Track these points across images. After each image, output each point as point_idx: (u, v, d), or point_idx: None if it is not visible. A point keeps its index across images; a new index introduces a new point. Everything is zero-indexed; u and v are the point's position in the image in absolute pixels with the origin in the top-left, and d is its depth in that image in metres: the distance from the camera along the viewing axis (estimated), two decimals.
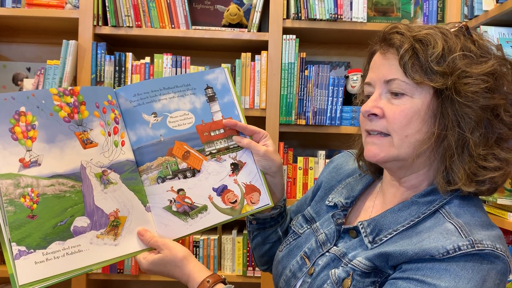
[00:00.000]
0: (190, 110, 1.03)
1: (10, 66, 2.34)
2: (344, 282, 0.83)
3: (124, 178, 0.95)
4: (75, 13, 2.03)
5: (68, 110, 0.90)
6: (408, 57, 0.81)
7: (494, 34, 1.73)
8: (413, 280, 0.76)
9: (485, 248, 0.75)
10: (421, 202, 0.85)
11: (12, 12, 2.04)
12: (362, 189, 0.99)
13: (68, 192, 0.87)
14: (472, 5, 1.90)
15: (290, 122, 2.07)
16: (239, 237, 2.10)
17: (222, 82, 1.06)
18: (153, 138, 0.99)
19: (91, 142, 0.92)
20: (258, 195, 1.03)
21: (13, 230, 0.80)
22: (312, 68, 2.07)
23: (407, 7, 2.21)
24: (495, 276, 0.76)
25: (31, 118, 0.85)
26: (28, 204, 0.82)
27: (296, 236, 1.03)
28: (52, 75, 2.02)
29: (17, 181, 0.82)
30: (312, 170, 2.12)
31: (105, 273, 2.08)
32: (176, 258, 0.92)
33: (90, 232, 0.88)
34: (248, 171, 1.03)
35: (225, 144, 1.03)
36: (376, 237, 0.85)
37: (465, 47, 0.82)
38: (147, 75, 2.06)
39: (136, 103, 0.99)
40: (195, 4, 2.18)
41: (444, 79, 0.80)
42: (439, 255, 0.75)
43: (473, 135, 0.81)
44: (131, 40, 2.17)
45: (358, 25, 2.06)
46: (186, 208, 0.99)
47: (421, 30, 0.84)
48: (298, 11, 2.04)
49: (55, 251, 0.83)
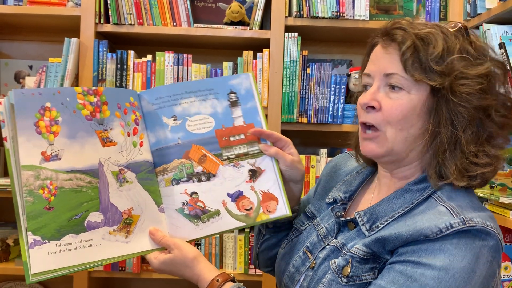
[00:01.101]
0: (211, 114, 1.03)
1: (12, 64, 2.34)
2: (344, 270, 0.86)
3: (140, 178, 0.97)
4: (77, 10, 2.03)
5: (91, 109, 0.93)
6: (409, 54, 0.83)
7: (497, 32, 1.72)
8: (409, 262, 0.79)
9: (476, 224, 0.78)
10: (414, 189, 0.88)
11: (14, 9, 2.04)
12: (360, 183, 1.02)
13: (85, 187, 0.90)
14: (475, 3, 1.90)
15: (292, 120, 2.07)
16: (241, 235, 2.10)
17: (246, 87, 1.06)
18: (171, 140, 1.01)
19: (111, 141, 0.94)
20: (275, 204, 1.01)
21: (30, 220, 0.83)
22: (314, 66, 2.07)
23: (409, 5, 2.20)
24: (487, 253, 0.78)
25: (55, 114, 0.89)
26: (46, 196, 0.85)
27: (297, 233, 1.04)
28: (54, 73, 2.02)
29: (38, 173, 0.85)
30: (314, 168, 2.11)
31: (107, 271, 2.08)
32: (187, 259, 0.93)
33: (103, 227, 0.91)
34: (267, 178, 1.02)
35: (244, 150, 1.03)
36: (373, 224, 0.88)
37: (463, 48, 0.85)
38: (149, 73, 2.06)
39: (157, 106, 1.01)
40: (197, 2, 2.18)
41: (441, 79, 0.83)
42: (433, 234, 0.78)
43: (465, 133, 0.84)
44: (133, 38, 2.17)
45: (360, 23, 2.05)
46: (198, 212, 0.99)
47: (423, 28, 0.86)
48: (300, 9, 2.03)
49: (68, 243, 0.86)
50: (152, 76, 2.05)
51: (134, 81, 2.05)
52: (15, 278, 2.32)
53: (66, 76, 2.00)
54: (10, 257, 2.14)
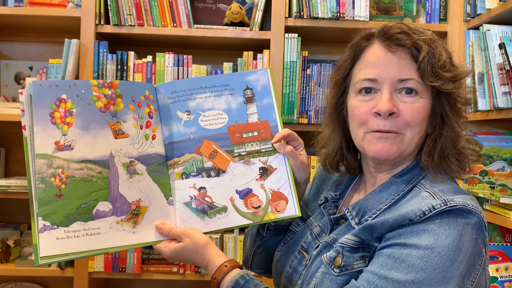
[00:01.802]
0: (225, 110, 1.03)
1: (12, 65, 2.34)
2: (335, 260, 0.88)
3: (150, 170, 1.00)
4: (77, 12, 2.03)
5: (105, 101, 0.95)
6: (426, 60, 0.88)
7: (497, 32, 1.72)
8: (396, 245, 0.82)
9: (457, 204, 0.81)
10: (399, 181, 0.92)
11: (14, 11, 2.04)
12: (350, 181, 1.04)
13: (95, 177, 0.93)
14: (475, 3, 1.90)
15: (292, 121, 2.07)
16: (241, 236, 2.10)
17: (263, 83, 1.04)
18: (183, 135, 1.03)
19: (123, 133, 0.97)
20: (284, 203, 0.99)
21: (41, 206, 0.87)
22: (314, 67, 2.07)
23: (409, 5, 2.20)
24: (471, 231, 0.81)
25: (70, 105, 0.92)
26: (57, 184, 0.89)
27: (292, 234, 1.06)
28: (54, 74, 2.02)
29: (50, 162, 0.89)
30: (314, 169, 2.11)
31: (107, 271, 2.08)
32: (198, 245, 0.95)
33: (111, 217, 0.93)
34: (278, 177, 1.00)
35: (257, 147, 1.02)
36: (362, 218, 0.90)
37: (451, 53, 0.95)
38: (149, 74, 2.06)
39: (172, 100, 1.03)
40: (197, 3, 2.18)
41: (452, 84, 0.89)
42: (417, 217, 0.81)
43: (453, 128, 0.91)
44: (133, 39, 2.17)
45: (360, 23, 2.06)
46: (205, 207, 1.00)
47: (424, 34, 0.91)
48: (300, 9, 2.03)
49: (76, 230, 0.90)
50: (152, 77, 2.05)
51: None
52: (16, 279, 2.32)
53: (66, 77, 2.00)
54: (10, 258, 2.14)
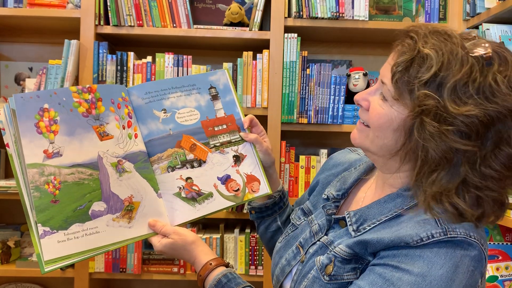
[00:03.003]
0: (196, 107, 1.13)
1: (12, 66, 2.34)
2: (326, 268, 0.88)
3: (138, 167, 1.04)
4: (77, 12, 2.03)
5: (86, 106, 0.99)
6: (400, 69, 0.80)
7: (497, 31, 1.72)
8: (389, 266, 0.80)
9: (458, 235, 0.77)
10: (406, 195, 0.87)
11: (14, 12, 2.05)
12: (354, 181, 1.03)
13: (86, 180, 0.96)
14: (474, 2, 1.90)
15: (292, 121, 2.07)
16: (241, 236, 2.10)
17: (224, 82, 1.17)
18: (163, 131, 1.10)
19: (107, 134, 1.01)
20: (258, 184, 1.13)
21: (38, 213, 0.90)
22: (313, 67, 2.07)
23: (409, 5, 2.20)
24: (468, 263, 0.78)
25: (53, 114, 0.95)
26: (51, 190, 0.92)
27: (294, 228, 1.08)
28: (54, 75, 2.02)
29: (42, 170, 0.92)
30: (314, 169, 2.11)
31: (108, 272, 2.08)
32: (186, 243, 1.01)
33: (107, 215, 0.97)
34: (249, 163, 1.13)
35: (227, 138, 1.14)
36: (360, 226, 0.89)
37: (462, 79, 0.76)
38: (149, 75, 2.06)
39: (148, 100, 1.10)
40: (196, 3, 2.18)
41: (415, 106, 0.78)
42: (413, 242, 0.78)
43: (433, 171, 0.79)
44: (132, 39, 2.17)
45: (359, 23, 2.06)
46: (194, 195, 1.08)
47: (434, 44, 0.79)
48: (300, 9, 2.03)
49: (75, 231, 0.93)
50: (152, 77, 2.06)
51: (134, 82, 2.05)
52: (16, 279, 2.32)
53: (66, 78, 2.01)
54: (11, 259, 2.15)
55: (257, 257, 2.09)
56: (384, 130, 0.85)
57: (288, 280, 0.99)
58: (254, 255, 2.09)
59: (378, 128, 0.86)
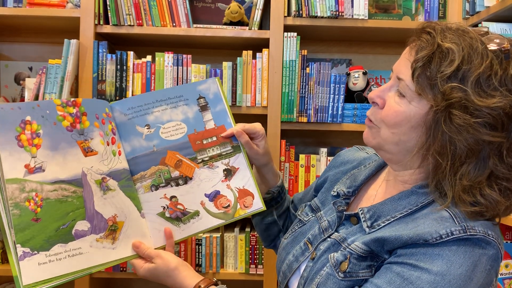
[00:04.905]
0: (183, 120, 1.08)
1: (12, 65, 2.34)
2: (341, 265, 0.86)
3: (122, 186, 1.00)
4: (77, 12, 2.03)
5: (71, 120, 0.94)
6: (420, 64, 0.80)
7: (496, 30, 1.72)
8: (407, 264, 0.79)
9: (477, 233, 0.77)
10: (420, 193, 0.87)
11: (14, 11, 2.05)
12: (365, 179, 1.02)
13: (70, 197, 0.91)
14: (474, 1, 1.90)
15: (291, 120, 2.07)
16: (242, 234, 2.10)
17: (214, 91, 1.11)
18: (146, 148, 1.05)
19: (92, 150, 0.96)
20: (251, 199, 1.07)
21: (18, 232, 0.83)
22: (313, 66, 2.07)
23: (408, 3, 2.20)
24: (486, 262, 0.78)
25: (36, 127, 0.89)
26: (33, 207, 0.86)
27: (301, 224, 1.06)
28: (54, 74, 2.02)
29: (22, 186, 0.85)
30: (314, 168, 2.12)
31: (108, 271, 2.08)
32: (168, 268, 0.97)
33: (90, 235, 0.92)
34: (241, 176, 1.08)
35: (217, 151, 1.08)
36: (375, 222, 0.89)
37: (485, 73, 0.78)
38: (149, 74, 2.06)
39: (131, 116, 1.05)
40: (196, 2, 2.18)
41: (440, 100, 0.79)
42: (432, 239, 0.78)
43: (462, 164, 0.80)
44: (132, 38, 2.17)
45: (359, 22, 2.06)
46: (179, 214, 1.04)
47: (453, 39, 0.80)
48: (299, 8, 2.03)
49: (58, 253, 0.87)
50: (152, 76, 2.06)
51: (134, 82, 2.05)
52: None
53: (66, 77, 2.01)
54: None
55: (257, 256, 2.09)
56: (401, 127, 0.85)
57: (296, 277, 0.98)
58: (254, 254, 2.09)
59: (395, 125, 0.85)
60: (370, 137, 0.91)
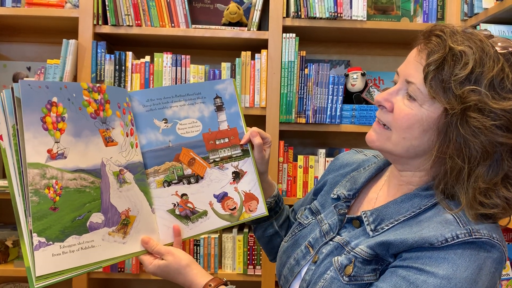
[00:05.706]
0: (198, 118, 1.07)
1: (10, 65, 2.34)
2: (346, 269, 0.86)
3: (137, 179, 0.98)
4: (75, 12, 2.03)
5: (95, 107, 0.91)
6: (433, 68, 0.80)
7: (494, 32, 1.73)
8: (413, 268, 0.79)
9: (482, 236, 0.78)
10: (423, 195, 0.87)
11: (12, 11, 2.04)
12: (365, 181, 1.01)
13: (88, 188, 0.88)
14: (472, 3, 1.90)
15: (290, 121, 2.07)
16: (240, 235, 2.10)
17: (230, 92, 1.11)
18: (162, 143, 1.03)
19: (112, 140, 0.93)
20: (256, 203, 1.09)
21: (35, 220, 0.80)
22: (312, 67, 2.07)
23: (407, 5, 2.21)
24: (490, 265, 0.78)
25: (61, 110, 0.86)
26: (52, 196, 0.82)
27: (301, 227, 1.06)
28: (52, 74, 2.02)
29: (44, 172, 0.82)
30: (312, 169, 2.12)
31: (106, 272, 2.08)
32: (180, 266, 0.96)
33: (103, 228, 0.90)
34: (249, 180, 1.09)
35: (228, 153, 1.08)
36: (378, 225, 0.88)
37: (498, 76, 0.78)
38: (147, 74, 2.06)
39: (149, 108, 1.03)
40: (195, 3, 2.18)
41: (455, 104, 0.78)
42: (438, 243, 0.78)
43: (476, 166, 0.80)
44: (131, 39, 2.17)
45: (358, 23, 2.06)
46: (188, 213, 1.04)
47: (463, 42, 0.80)
48: (298, 9, 2.04)
49: (71, 244, 0.84)
50: (150, 77, 2.06)
51: (133, 82, 2.05)
52: (14, 279, 2.32)
53: (64, 78, 2.01)
54: (9, 259, 2.14)
55: (255, 257, 2.09)
56: (412, 131, 0.84)
57: (297, 280, 0.97)
58: (252, 255, 2.09)
59: (406, 129, 0.84)
60: (377, 141, 0.89)
